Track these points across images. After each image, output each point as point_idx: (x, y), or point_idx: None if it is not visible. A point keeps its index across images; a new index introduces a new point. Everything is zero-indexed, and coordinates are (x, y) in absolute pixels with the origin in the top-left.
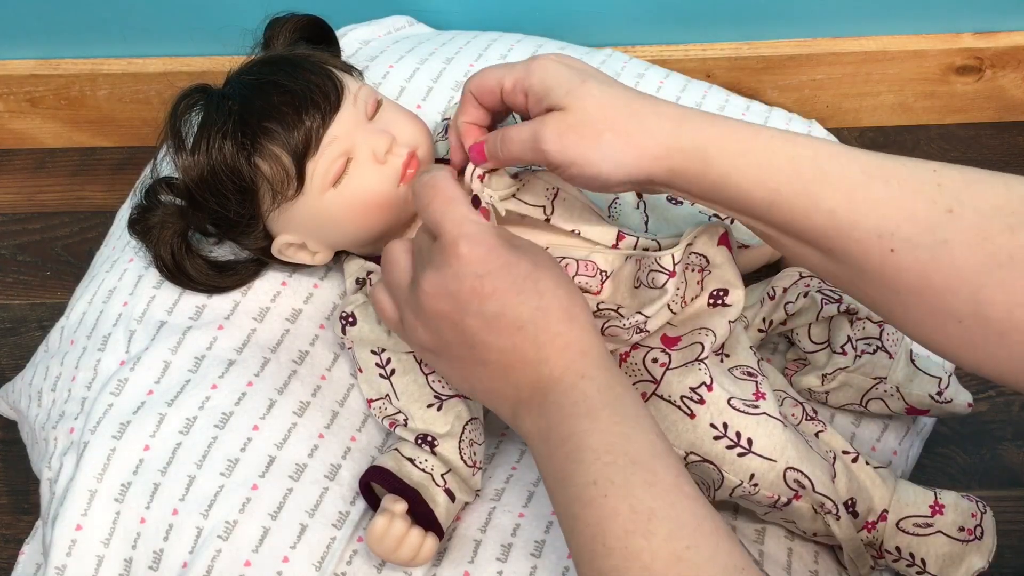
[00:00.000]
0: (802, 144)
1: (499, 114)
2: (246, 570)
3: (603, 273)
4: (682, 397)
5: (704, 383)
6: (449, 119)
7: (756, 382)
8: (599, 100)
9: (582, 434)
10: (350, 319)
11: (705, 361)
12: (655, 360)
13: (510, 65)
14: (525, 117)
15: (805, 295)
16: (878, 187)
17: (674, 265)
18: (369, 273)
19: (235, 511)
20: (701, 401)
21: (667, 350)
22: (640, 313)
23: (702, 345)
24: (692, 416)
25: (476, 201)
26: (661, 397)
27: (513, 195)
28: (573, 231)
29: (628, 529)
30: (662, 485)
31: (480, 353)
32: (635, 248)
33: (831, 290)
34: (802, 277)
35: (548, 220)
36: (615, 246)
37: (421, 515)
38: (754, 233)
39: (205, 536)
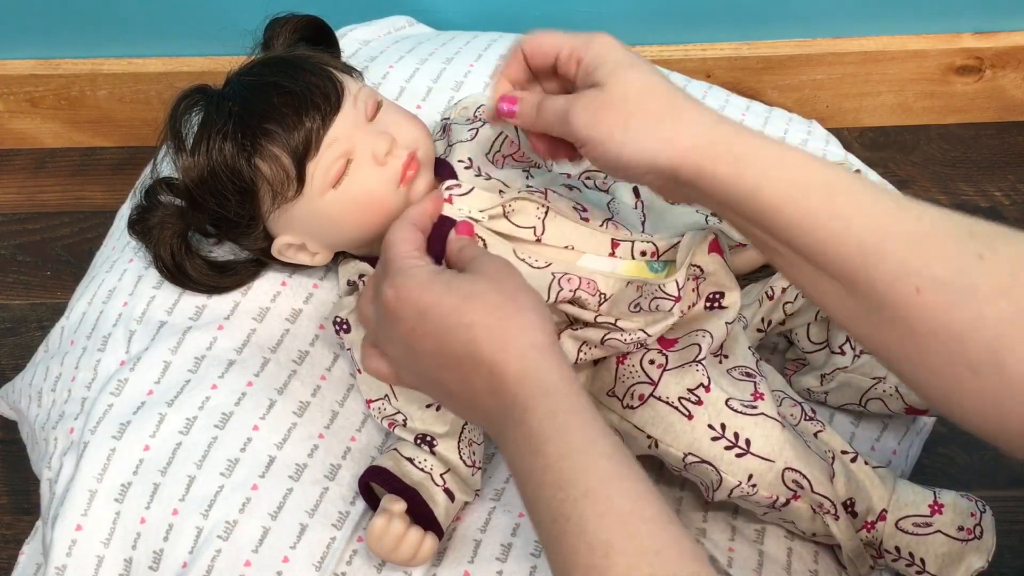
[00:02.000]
0: (838, 170)
1: (542, 80)
2: (246, 570)
3: (602, 295)
4: (680, 398)
5: (702, 384)
6: (448, 119)
7: (755, 383)
8: (640, 84)
9: (536, 472)
10: (344, 326)
11: (703, 362)
12: (652, 362)
13: (572, 34)
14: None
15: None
16: (911, 221)
17: (679, 290)
18: (361, 276)
19: (235, 511)
20: (699, 402)
21: (664, 351)
22: (643, 331)
23: (699, 347)
24: (690, 417)
25: (449, 222)
26: (659, 399)
27: (504, 215)
28: (567, 247)
29: (588, 565)
30: (616, 514)
31: (446, 387)
32: (632, 253)
33: None
34: None
35: (539, 240)
36: (612, 254)
37: (421, 515)
38: (771, 259)
39: (205, 536)
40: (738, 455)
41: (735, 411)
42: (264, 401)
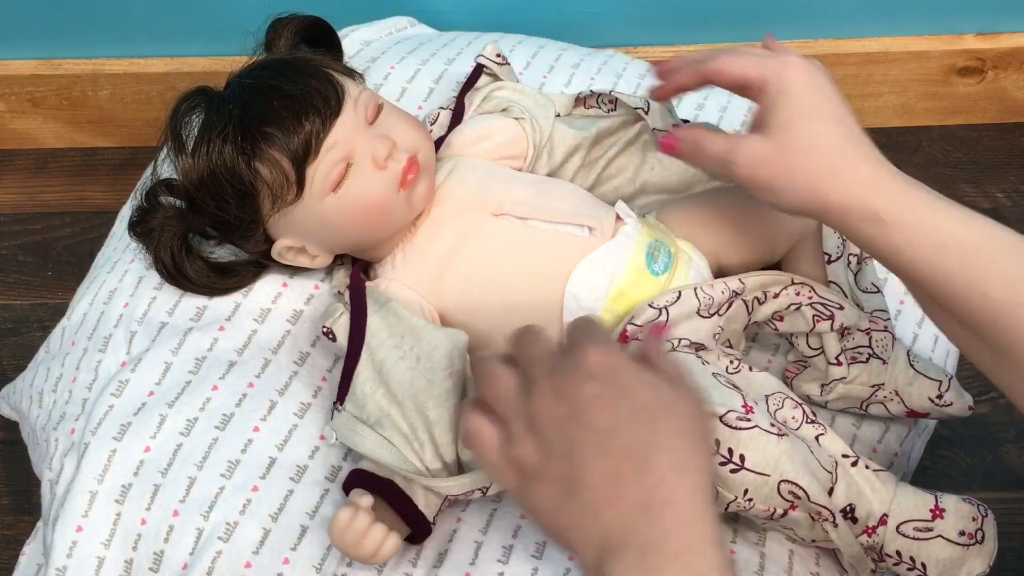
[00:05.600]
0: (976, 228)
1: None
2: (247, 572)
3: None
4: None
5: None
6: (444, 108)
7: (743, 395)
8: (807, 139)
9: None
10: (330, 335)
11: None
12: None
13: (762, 58)
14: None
15: (797, 308)
16: None
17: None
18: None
19: (236, 512)
20: None
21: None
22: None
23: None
24: None
25: None
26: None
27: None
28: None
29: None
30: None
31: (580, 473)
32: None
33: (822, 306)
34: (793, 284)
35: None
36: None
37: (408, 513)
38: (905, 286)
39: (206, 537)
40: (732, 471)
41: (729, 426)
42: (265, 402)
